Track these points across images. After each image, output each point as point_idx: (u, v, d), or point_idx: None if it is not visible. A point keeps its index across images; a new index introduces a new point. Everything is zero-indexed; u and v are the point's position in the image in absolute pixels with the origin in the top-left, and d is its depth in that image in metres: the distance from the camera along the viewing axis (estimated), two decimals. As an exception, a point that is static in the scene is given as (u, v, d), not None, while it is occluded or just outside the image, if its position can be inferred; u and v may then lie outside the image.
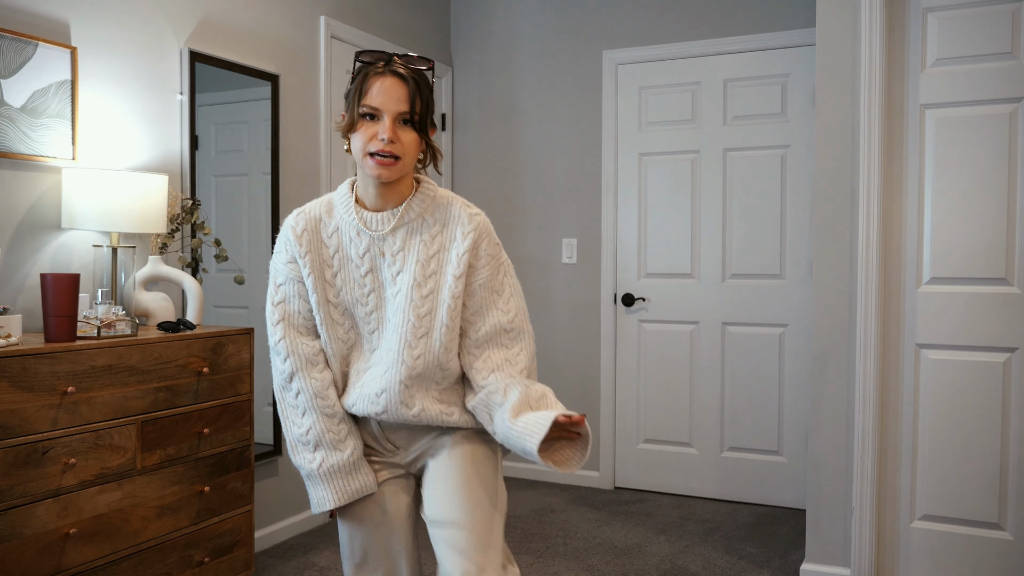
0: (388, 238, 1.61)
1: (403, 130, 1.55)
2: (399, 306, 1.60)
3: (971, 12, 2.78)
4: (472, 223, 1.62)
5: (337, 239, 1.63)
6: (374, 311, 1.63)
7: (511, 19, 4.49)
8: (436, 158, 1.65)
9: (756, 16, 3.95)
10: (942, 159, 2.84)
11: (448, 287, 1.60)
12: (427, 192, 1.65)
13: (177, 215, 2.87)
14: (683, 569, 3.20)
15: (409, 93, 1.55)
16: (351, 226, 1.62)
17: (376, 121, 1.55)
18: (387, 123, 1.53)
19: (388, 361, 1.61)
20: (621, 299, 4.27)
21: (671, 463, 4.21)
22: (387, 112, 1.54)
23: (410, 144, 1.56)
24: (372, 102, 1.54)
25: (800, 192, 3.89)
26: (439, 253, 1.61)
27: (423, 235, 1.61)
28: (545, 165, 4.42)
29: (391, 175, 1.56)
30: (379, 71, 1.56)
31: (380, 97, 1.54)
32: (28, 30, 2.50)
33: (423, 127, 1.58)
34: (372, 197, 1.61)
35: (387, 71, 1.56)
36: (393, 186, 1.60)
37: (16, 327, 2.31)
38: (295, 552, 3.36)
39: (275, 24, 3.43)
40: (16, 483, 2.10)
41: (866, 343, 2.86)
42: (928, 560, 2.88)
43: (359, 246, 1.61)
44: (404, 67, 1.57)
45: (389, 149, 1.53)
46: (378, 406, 1.62)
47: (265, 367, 3.37)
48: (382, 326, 1.63)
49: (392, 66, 1.56)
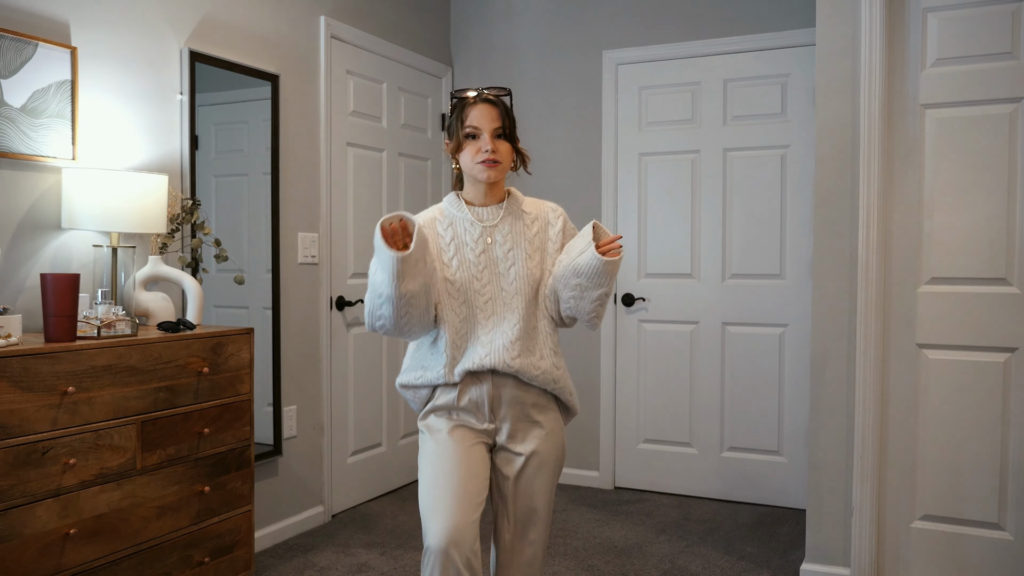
0: (499, 226, 2.05)
1: (498, 142, 2.00)
2: (517, 274, 2.02)
3: (971, 12, 2.78)
4: (557, 212, 2.12)
5: (452, 231, 2.04)
6: (488, 284, 2.01)
7: (511, 19, 4.49)
8: (525, 161, 2.11)
9: (756, 16, 3.95)
10: (942, 159, 2.84)
11: (550, 255, 2.06)
12: (517, 195, 2.13)
13: (177, 215, 2.87)
14: (683, 569, 3.20)
15: (500, 113, 2.00)
16: (465, 220, 2.05)
17: (477, 139, 1.99)
18: (487, 138, 1.98)
19: (509, 321, 1.99)
20: (621, 299, 4.27)
21: (671, 463, 4.21)
22: (485, 130, 1.99)
23: (506, 151, 2.02)
24: (472, 123, 1.99)
25: (800, 192, 3.89)
26: (540, 233, 2.07)
27: (524, 223, 2.06)
28: (545, 165, 4.42)
29: (497, 175, 2.01)
30: (472, 101, 2.01)
31: (478, 120, 1.99)
32: (28, 30, 2.50)
33: (512, 138, 2.04)
34: (480, 196, 2.06)
35: (479, 100, 2.01)
36: (495, 187, 2.06)
37: (16, 327, 2.31)
38: (295, 552, 3.36)
39: (275, 24, 3.43)
40: (16, 483, 2.10)
41: (866, 343, 2.86)
42: (928, 560, 2.88)
43: (473, 234, 2.03)
44: (492, 95, 2.02)
45: (492, 156, 1.98)
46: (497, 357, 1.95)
47: (265, 367, 3.38)
48: (497, 295, 2.01)
49: (482, 96, 2.01)
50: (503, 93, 2.05)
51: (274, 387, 3.43)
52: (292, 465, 3.55)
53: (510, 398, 1.99)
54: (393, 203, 4.20)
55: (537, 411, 2.02)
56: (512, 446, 2.01)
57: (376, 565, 3.23)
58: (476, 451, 1.99)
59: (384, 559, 3.29)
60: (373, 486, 4.09)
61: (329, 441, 3.75)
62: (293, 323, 3.54)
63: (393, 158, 4.20)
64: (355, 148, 3.93)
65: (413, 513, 3.86)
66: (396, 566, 3.22)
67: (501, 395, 1.99)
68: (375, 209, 4.07)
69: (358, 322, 3.93)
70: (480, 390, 1.98)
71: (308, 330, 3.63)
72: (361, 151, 3.97)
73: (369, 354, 4.04)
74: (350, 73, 3.88)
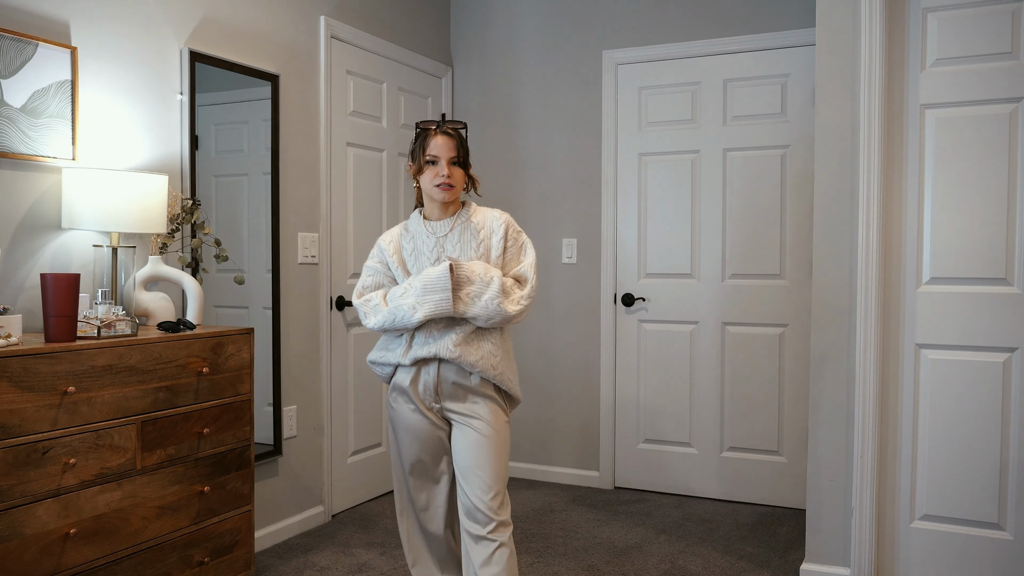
0: (448, 236, 2.38)
1: (453, 168, 2.35)
2: None
3: (971, 12, 2.78)
4: (500, 219, 2.41)
5: (413, 243, 2.41)
6: None
7: (511, 19, 4.49)
8: (475, 185, 2.46)
9: (756, 16, 3.96)
10: (942, 159, 2.84)
11: (494, 258, 2.38)
12: (469, 208, 2.44)
13: (177, 215, 2.87)
14: (683, 569, 3.20)
15: (456, 144, 2.35)
16: (422, 233, 2.41)
17: (435, 165, 2.34)
18: (444, 164, 2.33)
19: None
20: (621, 299, 4.27)
21: (671, 463, 4.21)
22: (443, 158, 2.33)
23: (459, 176, 2.37)
24: (432, 152, 2.33)
25: (800, 192, 3.89)
26: (484, 241, 2.38)
27: (471, 232, 2.38)
28: (545, 165, 4.42)
29: (451, 196, 2.36)
30: (434, 133, 2.35)
31: (437, 149, 2.33)
32: (28, 30, 2.50)
33: (465, 165, 2.39)
34: (436, 212, 2.41)
35: (439, 132, 2.35)
36: (448, 205, 2.40)
37: (16, 327, 2.31)
38: (295, 552, 3.36)
39: (275, 24, 3.43)
40: (16, 483, 2.10)
41: (866, 343, 2.86)
42: (928, 560, 2.88)
43: (428, 244, 2.39)
44: (450, 128, 2.37)
45: (447, 180, 2.33)
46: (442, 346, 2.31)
47: (265, 367, 3.38)
48: None
49: (442, 128, 2.36)
50: (460, 126, 2.42)
51: (274, 387, 3.43)
52: (292, 465, 3.55)
53: (452, 382, 2.35)
54: (393, 203, 4.20)
55: (475, 396, 2.37)
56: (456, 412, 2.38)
57: (376, 565, 3.23)
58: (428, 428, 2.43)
59: (384, 559, 3.29)
60: (373, 486, 4.09)
61: (329, 441, 3.75)
62: (293, 323, 3.54)
63: (393, 158, 4.20)
64: (355, 148, 3.93)
65: (413, 513, 3.86)
66: (396, 566, 3.22)
67: (447, 378, 2.34)
68: (375, 209, 4.07)
69: (358, 322, 3.93)
70: (429, 373, 2.34)
71: (308, 330, 3.63)
72: (361, 151, 3.97)
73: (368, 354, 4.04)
74: (350, 73, 3.88)
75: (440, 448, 2.42)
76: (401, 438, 2.43)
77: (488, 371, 2.33)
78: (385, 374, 2.45)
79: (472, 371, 2.33)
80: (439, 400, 2.37)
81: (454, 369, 2.33)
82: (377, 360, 2.45)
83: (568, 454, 4.41)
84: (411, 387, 2.36)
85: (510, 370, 2.41)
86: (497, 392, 2.39)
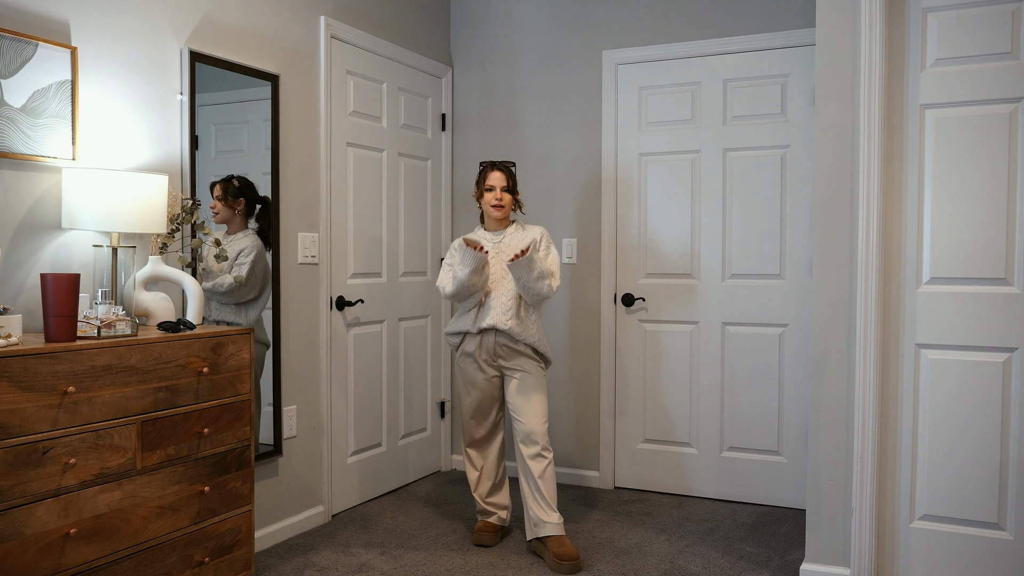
0: (501, 243, 3.36)
1: (504, 194, 3.36)
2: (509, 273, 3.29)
3: (971, 12, 2.78)
4: (538, 231, 3.38)
5: None
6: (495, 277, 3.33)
7: (511, 19, 4.49)
8: (520, 206, 3.44)
9: (756, 16, 3.96)
10: (942, 159, 2.84)
11: None
12: (518, 224, 3.43)
13: (177, 215, 2.87)
14: (683, 569, 3.20)
15: (506, 176, 3.37)
16: (483, 239, 3.38)
17: (492, 191, 3.35)
18: (497, 191, 3.35)
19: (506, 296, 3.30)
20: (621, 299, 4.27)
21: (671, 463, 4.21)
22: (497, 186, 3.35)
23: (508, 200, 3.37)
24: (489, 182, 3.36)
25: (800, 192, 3.89)
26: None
27: (517, 240, 3.35)
28: (545, 165, 4.42)
29: (502, 214, 3.37)
30: (491, 168, 3.38)
31: (493, 180, 3.36)
32: (28, 30, 2.50)
33: (513, 192, 3.39)
34: (493, 225, 3.42)
35: (495, 168, 3.37)
36: (501, 220, 3.40)
37: (16, 327, 2.31)
38: (295, 552, 3.36)
39: (275, 24, 3.43)
40: (16, 483, 2.10)
41: (866, 343, 2.86)
42: (928, 560, 2.88)
43: (489, 247, 3.34)
44: (503, 165, 3.39)
45: (500, 203, 3.35)
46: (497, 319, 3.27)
47: (265, 367, 3.38)
48: (499, 284, 3.32)
49: (498, 165, 3.38)
50: (510, 164, 3.42)
51: (274, 387, 3.43)
52: (292, 465, 3.55)
53: (505, 345, 3.32)
54: (393, 203, 4.20)
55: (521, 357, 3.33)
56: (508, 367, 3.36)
57: (376, 565, 3.23)
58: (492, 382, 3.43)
59: (384, 559, 3.29)
60: (373, 486, 4.09)
61: (329, 441, 3.75)
62: (293, 323, 3.54)
63: (393, 158, 4.20)
64: (355, 148, 3.93)
65: (413, 513, 3.86)
66: (396, 566, 3.22)
67: (502, 343, 3.32)
68: (375, 209, 4.07)
69: (358, 322, 3.94)
70: (488, 340, 3.33)
71: (308, 330, 3.63)
72: (361, 151, 3.97)
73: (369, 354, 4.04)
74: (350, 73, 3.88)
75: (493, 397, 3.41)
76: (468, 390, 3.41)
77: (530, 339, 3.29)
78: (455, 343, 3.42)
79: (519, 339, 3.28)
80: (495, 360, 3.34)
81: (506, 337, 3.29)
82: (451, 330, 3.41)
83: (568, 454, 4.41)
84: (476, 351, 3.34)
85: (544, 339, 3.38)
86: (536, 354, 3.36)
